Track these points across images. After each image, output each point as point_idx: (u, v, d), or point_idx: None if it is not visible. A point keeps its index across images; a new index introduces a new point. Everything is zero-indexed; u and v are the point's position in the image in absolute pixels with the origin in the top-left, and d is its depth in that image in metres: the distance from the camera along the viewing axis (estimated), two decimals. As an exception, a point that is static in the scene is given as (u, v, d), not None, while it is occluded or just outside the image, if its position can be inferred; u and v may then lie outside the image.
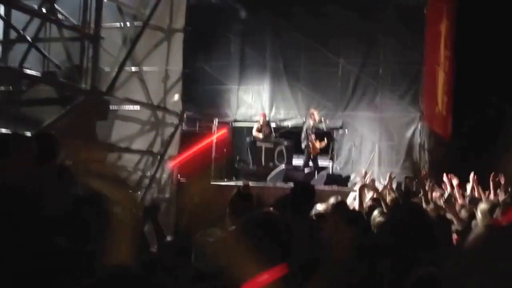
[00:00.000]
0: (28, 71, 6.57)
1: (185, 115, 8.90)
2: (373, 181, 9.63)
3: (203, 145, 9.37)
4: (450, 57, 15.68)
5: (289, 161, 14.00)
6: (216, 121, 14.62)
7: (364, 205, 7.63)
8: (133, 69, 7.76)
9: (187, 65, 8.79)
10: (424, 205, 7.08)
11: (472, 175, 9.75)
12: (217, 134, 11.99)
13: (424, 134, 14.61)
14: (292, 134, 14.95)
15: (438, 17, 14.97)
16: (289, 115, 15.84)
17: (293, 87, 15.81)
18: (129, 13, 7.80)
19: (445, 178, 9.48)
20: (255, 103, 16.26)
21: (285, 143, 14.10)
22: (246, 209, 5.36)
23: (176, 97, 8.52)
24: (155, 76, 8.23)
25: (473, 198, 7.28)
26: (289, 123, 15.75)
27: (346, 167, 14.94)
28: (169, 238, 4.78)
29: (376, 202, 7.82)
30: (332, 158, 15.00)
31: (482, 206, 5.58)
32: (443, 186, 10.24)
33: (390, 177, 8.71)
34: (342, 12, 14.83)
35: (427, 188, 9.32)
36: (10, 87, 6.36)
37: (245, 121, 16.20)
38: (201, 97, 15.83)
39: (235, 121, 16.13)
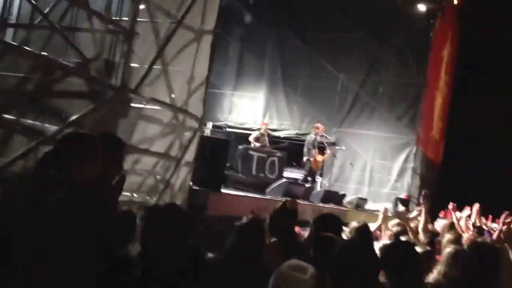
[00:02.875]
0: (63, 61, 6.13)
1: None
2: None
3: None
4: (448, 83, 15.76)
5: (281, 173, 13.71)
6: (209, 125, 14.27)
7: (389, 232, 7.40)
8: (160, 68, 7.35)
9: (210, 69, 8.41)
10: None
11: (476, 205, 9.70)
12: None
13: (418, 158, 14.60)
14: (285, 146, 14.72)
15: (443, 42, 15.02)
16: (282, 125, 15.63)
17: (289, 98, 15.62)
18: (162, 10, 7.40)
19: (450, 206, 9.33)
20: (248, 110, 15.99)
21: (278, 154, 13.80)
22: (290, 225, 5.10)
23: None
24: (180, 77, 7.84)
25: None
26: (281, 134, 15.51)
27: (336, 184, 14.82)
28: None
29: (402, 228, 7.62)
30: (321, 174, 14.81)
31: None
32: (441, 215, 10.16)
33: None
34: (348, 27, 14.72)
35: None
36: (41, 77, 5.90)
37: (236, 127, 15.90)
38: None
39: (227, 126, 15.79)
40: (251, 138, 13.62)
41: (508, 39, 15.01)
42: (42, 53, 6.25)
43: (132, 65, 7.04)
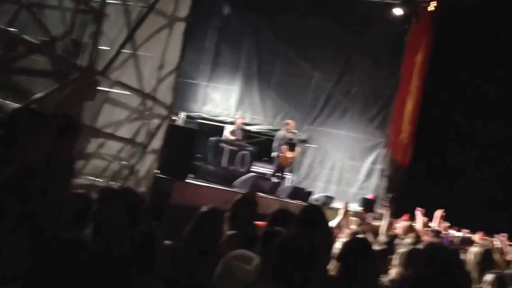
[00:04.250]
0: (27, 38, 5.99)
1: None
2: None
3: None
4: (419, 88, 15.89)
5: (251, 167, 13.70)
6: (182, 115, 14.20)
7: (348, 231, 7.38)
8: (130, 52, 7.25)
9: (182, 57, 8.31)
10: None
11: (440, 211, 9.79)
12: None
13: (386, 160, 14.71)
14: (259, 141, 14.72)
15: (416, 48, 15.15)
16: (254, 120, 15.63)
17: (263, 93, 15.62)
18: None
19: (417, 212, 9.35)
20: (222, 102, 15.96)
21: (249, 148, 13.78)
22: (248, 216, 5.09)
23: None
24: (150, 63, 7.75)
25: (464, 238, 7.29)
26: (253, 128, 15.48)
27: (305, 182, 14.85)
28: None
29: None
30: (291, 171, 14.83)
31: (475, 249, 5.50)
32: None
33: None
34: (325, 26, 14.77)
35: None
36: (4, 52, 5.76)
37: (209, 119, 15.83)
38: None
39: (200, 118, 15.71)
40: (226, 132, 13.55)
41: (482, 47, 15.22)
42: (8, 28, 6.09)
43: (101, 47, 6.94)
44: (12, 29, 5.92)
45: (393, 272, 4.71)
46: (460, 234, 10.42)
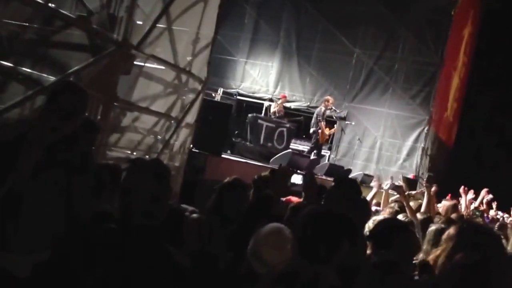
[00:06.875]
0: (65, 12, 6.06)
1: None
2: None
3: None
4: (467, 64, 15.39)
5: (289, 144, 13.62)
6: (220, 91, 14.20)
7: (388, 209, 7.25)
8: (165, 26, 7.25)
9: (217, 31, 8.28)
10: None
11: (485, 191, 9.53)
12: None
13: (429, 139, 14.36)
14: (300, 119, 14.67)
15: (464, 22, 14.63)
16: (293, 97, 15.47)
17: (303, 70, 15.44)
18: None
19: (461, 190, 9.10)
20: (261, 79, 15.87)
21: (287, 125, 13.70)
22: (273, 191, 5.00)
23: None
24: (185, 37, 7.75)
25: (502, 225, 7.10)
26: (292, 105, 15.38)
27: (344, 159, 14.68)
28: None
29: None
30: (330, 148, 14.71)
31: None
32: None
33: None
34: (366, 1, 14.43)
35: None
36: (42, 26, 5.85)
37: (247, 95, 15.80)
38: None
39: (238, 94, 15.69)
40: (272, 109, 13.53)
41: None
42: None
43: (136, 22, 6.96)
44: (50, 4, 5.99)
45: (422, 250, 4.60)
46: (506, 215, 10.20)
